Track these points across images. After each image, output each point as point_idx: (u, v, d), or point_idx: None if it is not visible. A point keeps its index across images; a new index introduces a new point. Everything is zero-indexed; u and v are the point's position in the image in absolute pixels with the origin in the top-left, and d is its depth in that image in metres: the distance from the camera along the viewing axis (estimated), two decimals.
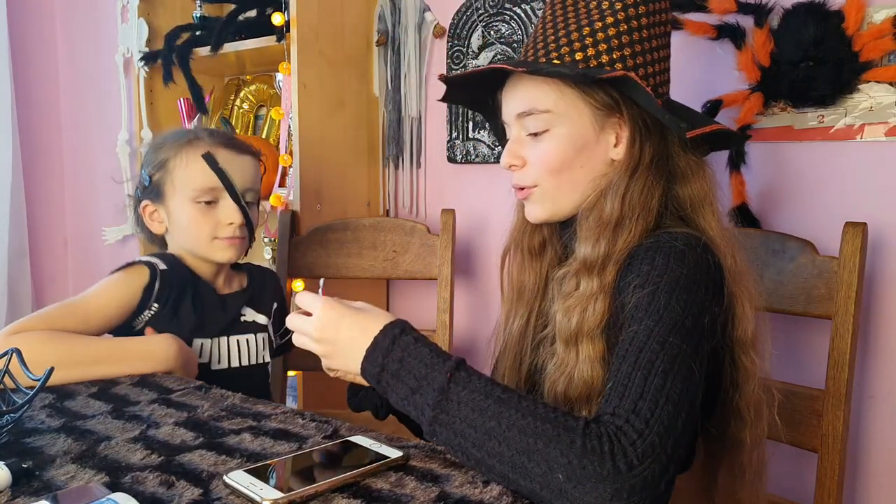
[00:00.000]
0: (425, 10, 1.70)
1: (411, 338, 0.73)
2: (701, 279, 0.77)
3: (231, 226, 1.17)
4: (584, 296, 0.82)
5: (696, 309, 0.75)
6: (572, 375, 0.81)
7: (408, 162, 1.77)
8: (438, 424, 0.68)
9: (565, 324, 0.83)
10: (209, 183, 1.16)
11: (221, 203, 1.17)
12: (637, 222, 0.83)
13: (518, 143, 0.90)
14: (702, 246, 0.79)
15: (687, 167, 0.87)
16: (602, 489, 0.61)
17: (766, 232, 1.18)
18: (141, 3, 1.93)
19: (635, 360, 0.70)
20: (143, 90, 1.93)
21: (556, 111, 0.86)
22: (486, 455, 0.65)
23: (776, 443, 1.10)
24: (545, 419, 0.65)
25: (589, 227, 0.85)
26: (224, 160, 1.17)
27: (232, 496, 0.62)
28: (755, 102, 1.23)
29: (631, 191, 0.84)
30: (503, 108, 0.93)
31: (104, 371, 0.99)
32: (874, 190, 1.17)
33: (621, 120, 0.86)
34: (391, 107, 1.78)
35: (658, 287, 0.75)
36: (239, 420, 0.82)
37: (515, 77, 0.90)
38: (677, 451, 0.66)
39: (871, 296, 1.17)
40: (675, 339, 0.71)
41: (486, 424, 0.65)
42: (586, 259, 0.83)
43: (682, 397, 0.68)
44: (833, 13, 1.16)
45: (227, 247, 1.18)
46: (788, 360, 1.25)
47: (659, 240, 0.80)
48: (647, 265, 0.78)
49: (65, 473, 0.66)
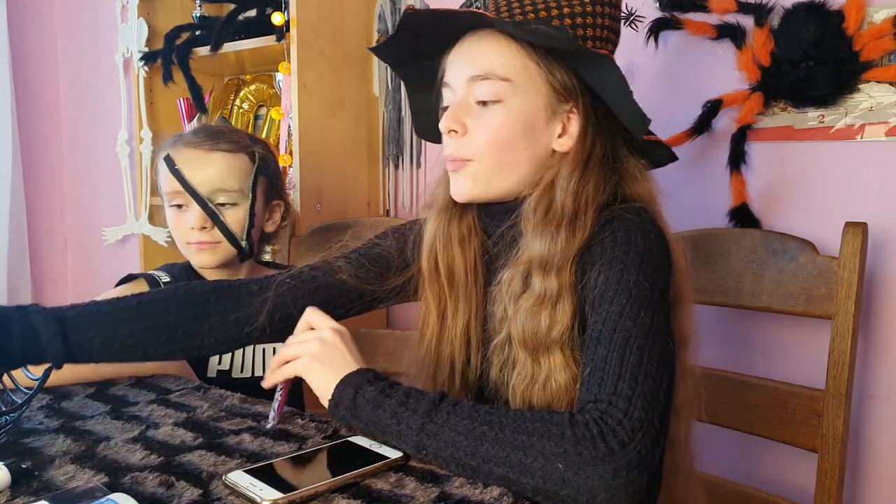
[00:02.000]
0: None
1: (388, 382, 0.74)
2: (662, 251, 0.77)
3: (193, 230, 1.13)
4: (543, 297, 0.78)
5: (662, 282, 0.75)
6: (546, 384, 0.79)
7: (408, 162, 1.77)
8: (426, 434, 0.67)
9: (529, 330, 0.79)
10: (173, 186, 1.13)
11: (189, 206, 1.14)
12: (588, 216, 0.79)
13: (463, 108, 0.82)
14: (649, 215, 0.79)
15: (635, 169, 0.84)
16: (602, 470, 0.61)
17: (766, 232, 1.17)
18: (141, 3, 1.93)
19: (610, 342, 0.70)
20: (142, 90, 1.93)
21: (515, 82, 0.80)
22: (482, 461, 0.65)
23: (776, 443, 1.10)
24: (532, 418, 0.66)
25: (538, 221, 0.80)
26: (187, 161, 1.13)
27: (232, 496, 0.62)
28: (755, 102, 1.23)
29: (585, 185, 0.80)
30: (449, 69, 0.85)
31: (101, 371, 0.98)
32: (874, 190, 1.17)
33: (573, 109, 0.82)
34: (391, 107, 1.77)
35: (625, 264, 0.74)
36: (238, 420, 0.82)
37: (474, 37, 0.82)
38: (664, 421, 0.67)
39: (871, 296, 1.17)
40: (647, 313, 0.71)
41: (477, 430, 0.66)
42: (542, 257, 0.79)
43: (660, 369, 0.68)
44: (833, 13, 1.16)
45: (197, 251, 1.15)
46: (788, 360, 1.25)
47: (612, 216, 0.78)
48: (609, 242, 0.76)
49: (64, 474, 0.66)
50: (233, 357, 1.15)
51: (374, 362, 1.52)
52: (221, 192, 1.14)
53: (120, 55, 2.08)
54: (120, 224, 2.21)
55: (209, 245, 1.14)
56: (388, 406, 0.70)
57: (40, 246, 2.44)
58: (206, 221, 1.13)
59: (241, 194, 1.16)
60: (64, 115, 2.49)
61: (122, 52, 2.07)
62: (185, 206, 1.14)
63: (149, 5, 1.95)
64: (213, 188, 1.13)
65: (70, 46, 2.44)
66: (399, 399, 0.70)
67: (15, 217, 2.24)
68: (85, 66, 2.39)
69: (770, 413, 1.10)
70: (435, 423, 0.68)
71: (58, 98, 2.47)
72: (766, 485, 1.20)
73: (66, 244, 2.53)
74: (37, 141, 2.41)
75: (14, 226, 2.24)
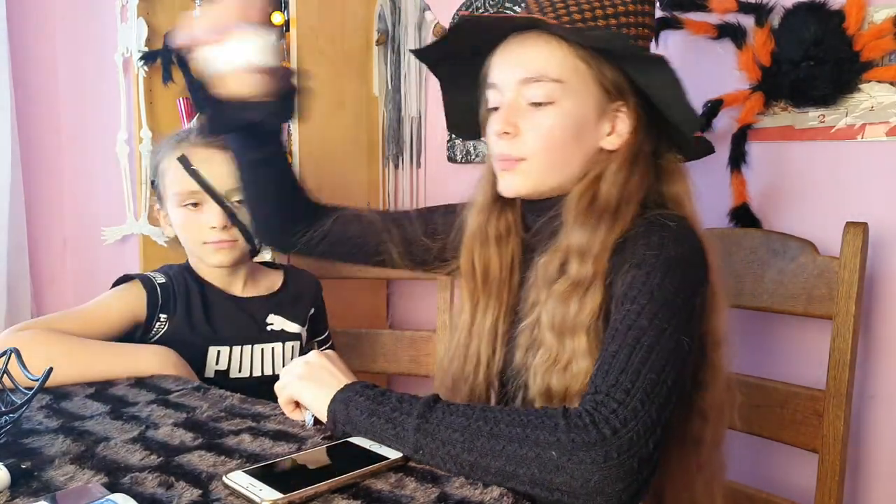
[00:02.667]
0: (425, 10, 1.70)
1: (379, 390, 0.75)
2: (694, 260, 0.78)
3: (213, 230, 1.13)
4: (577, 281, 0.80)
5: (689, 289, 0.75)
6: (568, 367, 0.80)
7: (408, 162, 1.77)
8: (422, 434, 0.68)
9: (559, 314, 0.80)
10: (188, 186, 1.13)
11: (206, 206, 1.13)
12: (630, 209, 0.82)
13: (514, 110, 0.84)
14: (691, 227, 0.80)
15: (673, 167, 0.87)
16: (594, 455, 0.63)
17: (766, 232, 1.17)
18: (140, 3, 1.92)
19: (623, 339, 0.71)
20: (142, 90, 1.92)
21: (566, 83, 0.82)
22: (479, 456, 0.65)
23: (776, 443, 1.10)
24: (527, 412, 0.68)
25: (580, 212, 0.82)
26: (202, 160, 1.13)
27: (231, 497, 0.62)
28: (756, 102, 1.23)
29: (629, 180, 0.82)
30: (495, 71, 0.86)
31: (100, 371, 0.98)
32: (875, 190, 1.17)
33: (622, 108, 0.84)
34: (391, 106, 1.77)
35: (654, 267, 0.75)
36: (238, 421, 0.82)
37: (522, 38, 0.84)
38: (663, 414, 0.67)
39: (871, 296, 1.17)
40: (664, 316, 0.72)
41: (472, 426, 0.67)
42: (581, 245, 0.81)
43: (666, 365, 0.69)
44: (834, 13, 1.16)
45: (216, 251, 1.14)
46: (789, 360, 1.25)
47: (652, 220, 0.80)
48: (641, 244, 0.78)
49: (64, 474, 0.66)
50: (230, 357, 1.15)
51: (375, 362, 1.52)
52: (237, 191, 1.14)
53: (119, 55, 2.07)
54: (119, 224, 2.21)
55: (229, 244, 1.14)
56: (382, 413, 0.71)
57: (39, 246, 2.43)
58: (227, 220, 1.13)
59: None
60: (63, 115, 2.48)
61: (121, 52, 2.06)
62: (199, 206, 1.14)
63: (149, 5, 1.94)
64: (230, 187, 1.13)
65: (70, 46, 2.44)
66: (392, 405, 0.71)
67: (14, 216, 2.24)
68: (84, 66, 2.39)
69: (771, 413, 1.10)
70: (430, 423, 0.68)
71: (57, 97, 2.47)
72: (766, 485, 1.20)
73: (65, 244, 2.52)
74: (36, 140, 2.40)
75: (13, 225, 2.24)
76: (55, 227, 2.49)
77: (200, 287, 1.17)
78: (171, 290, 1.13)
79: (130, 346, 1.05)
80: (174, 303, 1.13)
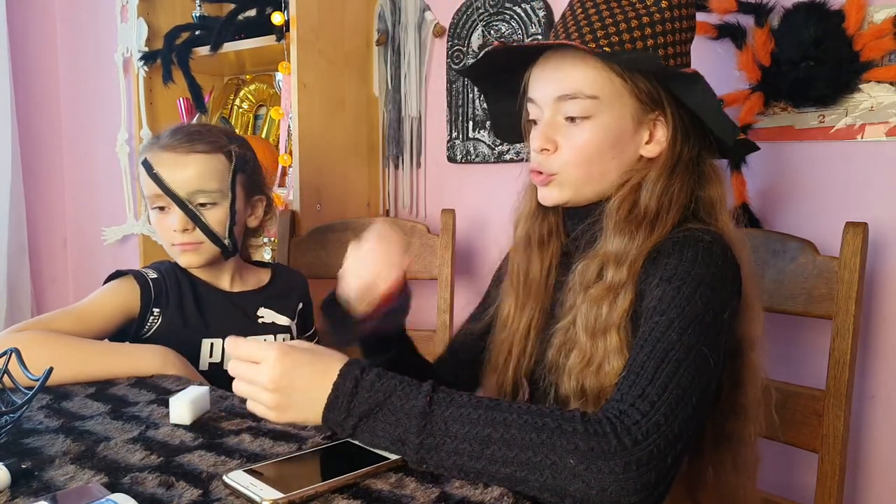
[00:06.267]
0: (425, 10, 1.70)
1: (374, 374, 0.69)
2: (725, 275, 0.78)
3: (176, 232, 1.14)
4: (612, 286, 0.82)
5: (719, 305, 0.76)
6: (601, 367, 0.81)
7: (408, 162, 1.77)
8: (426, 450, 0.66)
9: (593, 315, 0.82)
10: (153, 190, 1.14)
11: (170, 209, 1.14)
12: (670, 218, 0.83)
13: (552, 126, 0.86)
14: (725, 243, 0.81)
15: (711, 170, 0.88)
16: (613, 464, 0.62)
17: (766, 232, 1.17)
18: (140, 3, 1.93)
19: (651, 350, 0.72)
20: (142, 90, 1.92)
21: (602, 98, 0.84)
22: (488, 463, 0.65)
23: (776, 443, 1.10)
24: (542, 414, 0.66)
25: (620, 219, 0.84)
26: (165, 164, 1.13)
27: (231, 496, 0.62)
28: (756, 102, 1.23)
29: (670, 187, 0.84)
30: (534, 86, 0.89)
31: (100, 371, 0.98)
32: (875, 190, 1.17)
33: (660, 117, 0.85)
34: (391, 106, 1.77)
35: (685, 281, 0.76)
36: (238, 420, 0.82)
37: (557, 56, 0.86)
38: (686, 430, 0.67)
39: (871, 296, 1.17)
40: (694, 332, 0.72)
41: (481, 434, 0.65)
42: (618, 253, 0.82)
43: (693, 382, 0.70)
44: (833, 13, 1.16)
45: (181, 253, 1.16)
46: (789, 360, 1.25)
47: (686, 235, 0.81)
48: (675, 259, 0.78)
49: (64, 474, 0.66)
50: (224, 349, 1.16)
51: None
52: (201, 194, 1.14)
53: (120, 55, 2.08)
54: (119, 224, 2.21)
55: (192, 246, 1.15)
56: (383, 431, 0.68)
57: (40, 246, 2.43)
58: (187, 223, 1.14)
59: (221, 194, 1.16)
60: (64, 115, 2.48)
61: (121, 52, 2.07)
62: (166, 209, 1.15)
63: (149, 5, 1.95)
64: (192, 190, 1.14)
65: (70, 46, 2.44)
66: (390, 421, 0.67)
67: (14, 217, 2.24)
68: (85, 66, 2.39)
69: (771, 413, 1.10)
70: (434, 436, 0.66)
71: (57, 98, 2.47)
72: (766, 485, 1.19)
73: (65, 244, 2.53)
74: (36, 141, 2.40)
75: (14, 225, 2.24)
76: (56, 227, 2.49)
77: (191, 282, 1.18)
78: (163, 285, 1.14)
79: (131, 346, 1.06)
80: (167, 297, 1.14)
